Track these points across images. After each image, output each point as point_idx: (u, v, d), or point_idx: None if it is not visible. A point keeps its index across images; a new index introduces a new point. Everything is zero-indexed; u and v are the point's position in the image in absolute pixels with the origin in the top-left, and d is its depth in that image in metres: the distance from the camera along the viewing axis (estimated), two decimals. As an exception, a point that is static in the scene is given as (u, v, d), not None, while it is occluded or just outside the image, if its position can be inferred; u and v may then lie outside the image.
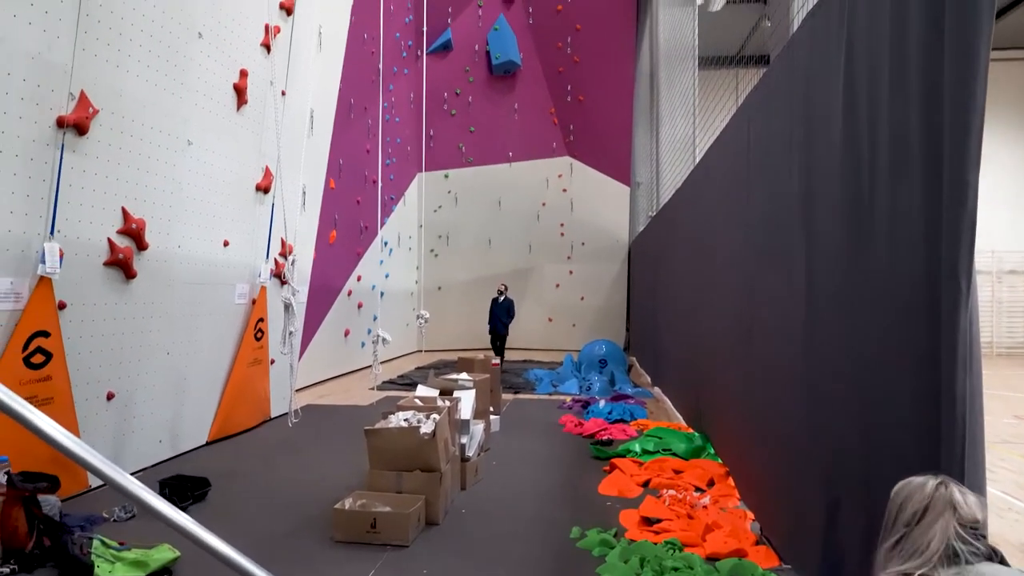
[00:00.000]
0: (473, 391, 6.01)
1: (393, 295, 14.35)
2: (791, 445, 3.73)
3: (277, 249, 7.89)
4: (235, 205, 7.06)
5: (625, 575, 3.68)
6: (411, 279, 15.75)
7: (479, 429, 5.83)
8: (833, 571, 3.06)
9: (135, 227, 5.52)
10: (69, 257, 4.87)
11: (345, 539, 4.20)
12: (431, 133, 15.80)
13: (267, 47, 7.38)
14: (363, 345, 12.41)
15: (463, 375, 6.63)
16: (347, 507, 4.37)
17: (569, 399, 9.61)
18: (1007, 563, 1.68)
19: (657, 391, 10.18)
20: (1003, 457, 6.70)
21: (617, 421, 7.81)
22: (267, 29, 7.35)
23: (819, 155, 3.34)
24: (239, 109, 7.01)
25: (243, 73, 6.98)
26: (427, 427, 4.65)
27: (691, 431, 6.69)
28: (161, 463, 5.95)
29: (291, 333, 6.57)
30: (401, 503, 4.39)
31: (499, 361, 9.06)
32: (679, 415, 8.01)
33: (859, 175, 2.81)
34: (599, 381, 10.71)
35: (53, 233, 4.73)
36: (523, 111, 16.76)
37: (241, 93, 6.97)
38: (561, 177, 16.91)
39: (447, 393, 5.84)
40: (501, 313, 13.13)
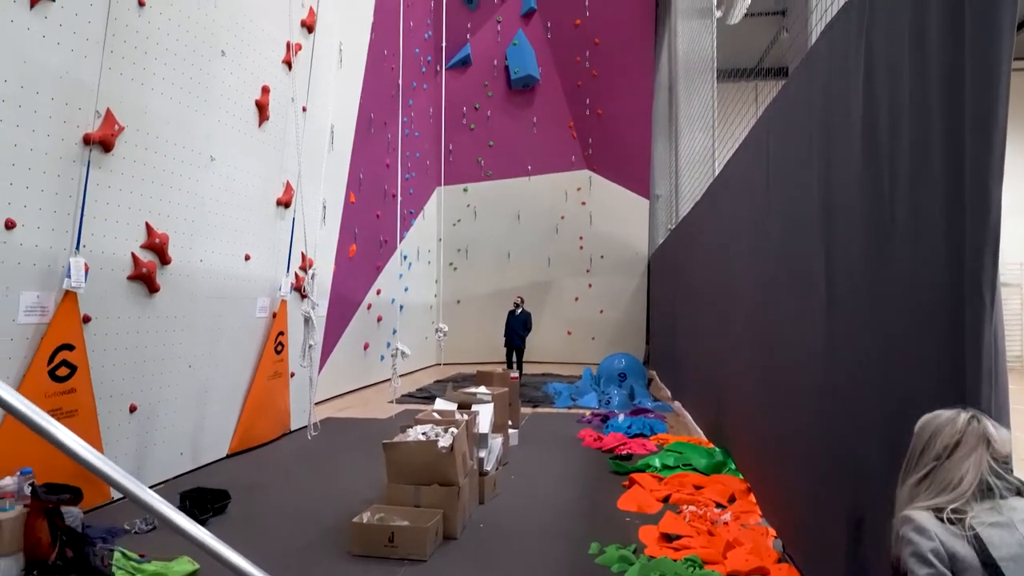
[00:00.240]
0: (491, 405, 5.99)
1: (412, 308, 14.40)
2: (813, 461, 3.67)
3: (297, 263, 7.97)
4: (256, 220, 7.14)
5: (644, 592, 3.64)
6: (430, 292, 15.81)
7: (497, 443, 5.82)
8: (857, 590, 3.00)
9: (158, 242, 5.60)
10: (94, 271, 4.96)
11: (362, 553, 4.20)
12: (450, 147, 15.90)
13: (288, 64, 7.49)
14: (382, 358, 12.44)
15: (481, 388, 6.63)
16: (365, 521, 4.37)
17: (588, 413, 9.56)
18: None
19: (677, 405, 10.09)
20: (1033, 474, 6.53)
21: (637, 435, 7.75)
22: (289, 47, 7.46)
23: (838, 167, 3.31)
24: (261, 125, 7.10)
25: (265, 90, 7.08)
26: (445, 441, 4.64)
27: (712, 446, 6.62)
28: (182, 475, 6.00)
29: (311, 346, 6.62)
30: (419, 517, 4.38)
31: (518, 375, 9.04)
32: (700, 430, 7.93)
33: (879, 188, 2.78)
34: (618, 395, 10.64)
35: (79, 248, 4.81)
36: (542, 125, 16.81)
37: (263, 109, 7.08)
38: (580, 190, 16.91)
39: (465, 407, 5.84)
40: (518, 326, 13.11)
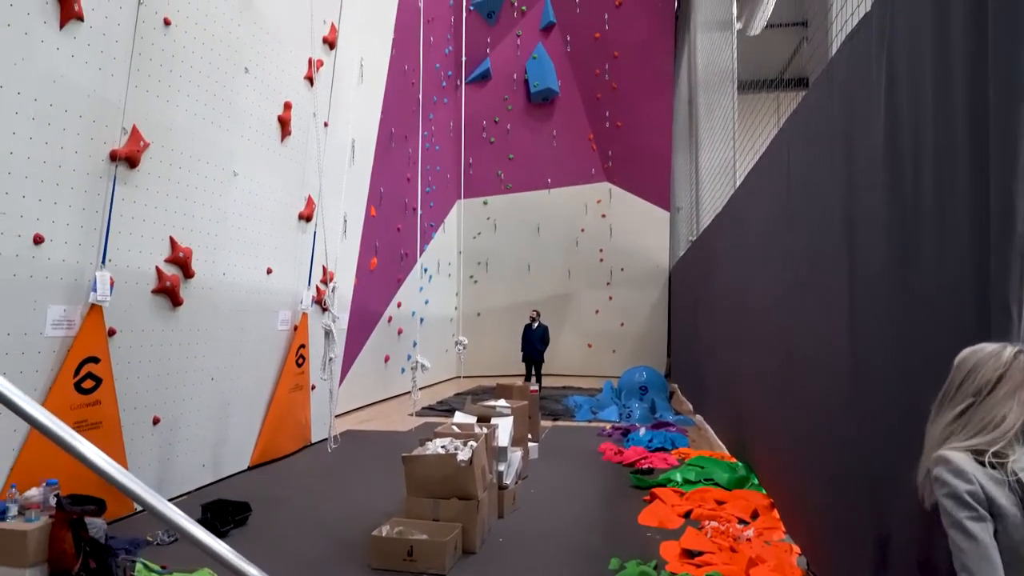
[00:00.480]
0: (511, 418, 5.97)
1: (432, 321, 14.44)
2: (838, 477, 3.61)
3: (318, 276, 8.03)
4: (278, 234, 7.22)
5: (665, 610, 3.59)
6: (450, 305, 15.84)
7: (517, 456, 5.79)
8: (884, 610, 2.94)
9: (182, 255, 5.68)
10: (119, 285, 5.03)
11: (381, 566, 4.19)
12: (470, 161, 15.98)
13: (310, 80, 7.59)
14: (403, 371, 12.48)
15: (501, 401, 6.61)
16: (384, 534, 4.36)
17: (609, 426, 9.49)
18: None
19: (699, 419, 9.98)
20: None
21: (658, 449, 7.68)
22: (310, 63, 7.56)
23: (860, 177, 3.27)
24: (283, 140, 7.20)
25: (287, 106, 7.18)
26: (464, 454, 4.63)
27: (734, 460, 6.54)
28: (204, 487, 6.04)
29: (331, 359, 6.65)
30: (438, 531, 4.36)
31: (538, 388, 9.01)
32: (722, 444, 7.83)
33: (903, 200, 2.74)
34: (639, 408, 10.56)
35: (104, 262, 4.90)
36: (561, 137, 16.85)
37: (285, 125, 7.17)
38: (600, 203, 16.89)
39: (485, 420, 5.83)
40: (536, 340, 13.08)
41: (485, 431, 5.17)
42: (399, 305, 12.59)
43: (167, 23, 5.40)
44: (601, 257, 16.86)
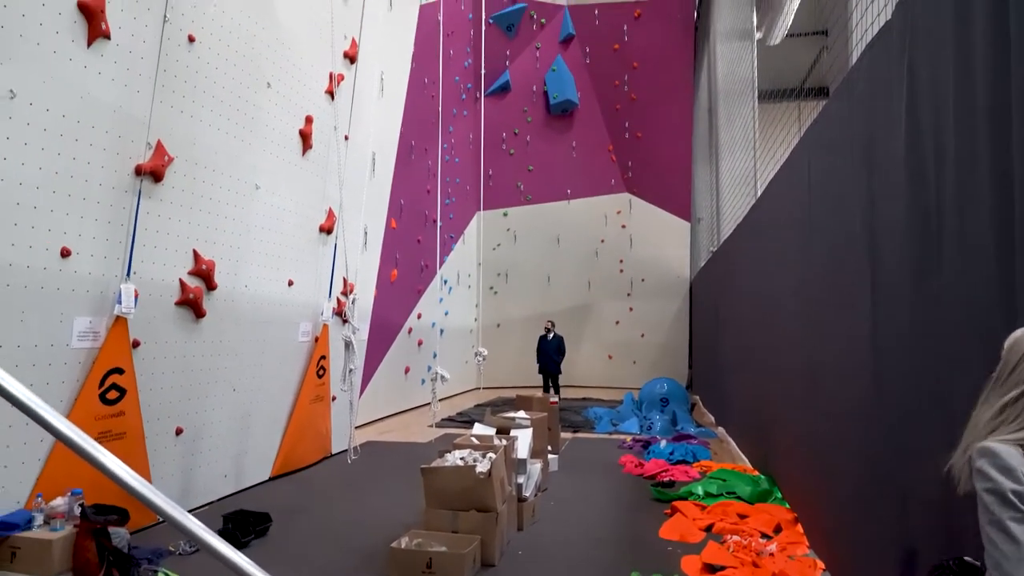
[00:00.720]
0: (530, 430, 5.95)
1: (452, 332, 14.47)
2: (862, 490, 3.55)
3: (339, 288, 8.09)
4: (299, 246, 7.29)
5: (686, 625, 3.54)
6: (470, 316, 15.87)
7: (536, 468, 5.76)
8: (911, 627, 2.87)
9: (205, 268, 5.75)
10: (143, 297, 5.11)
11: (401, 579, 4.19)
12: (490, 172, 16.06)
13: (331, 94, 7.68)
14: (423, 382, 12.51)
15: (520, 413, 6.59)
16: (403, 546, 4.36)
17: (629, 439, 9.42)
18: None
19: (721, 431, 9.87)
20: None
21: (679, 462, 7.60)
22: (331, 77, 7.66)
23: (882, 186, 3.24)
24: (304, 154, 7.28)
25: (308, 120, 7.27)
26: (483, 466, 4.62)
27: (757, 474, 6.45)
28: (225, 498, 6.08)
29: (351, 370, 6.69)
30: (457, 543, 4.35)
31: (557, 399, 8.99)
32: (744, 457, 7.74)
33: (924, 208, 2.70)
34: (660, 420, 10.47)
35: (129, 275, 4.97)
36: (581, 149, 16.87)
37: (306, 139, 7.26)
38: (620, 213, 16.86)
39: (504, 431, 5.81)
40: (551, 351, 13.04)
41: (504, 443, 5.16)
42: (419, 316, 12.64)
43: (191, 40, 5.50)
44: (621, 268, 16.81)
